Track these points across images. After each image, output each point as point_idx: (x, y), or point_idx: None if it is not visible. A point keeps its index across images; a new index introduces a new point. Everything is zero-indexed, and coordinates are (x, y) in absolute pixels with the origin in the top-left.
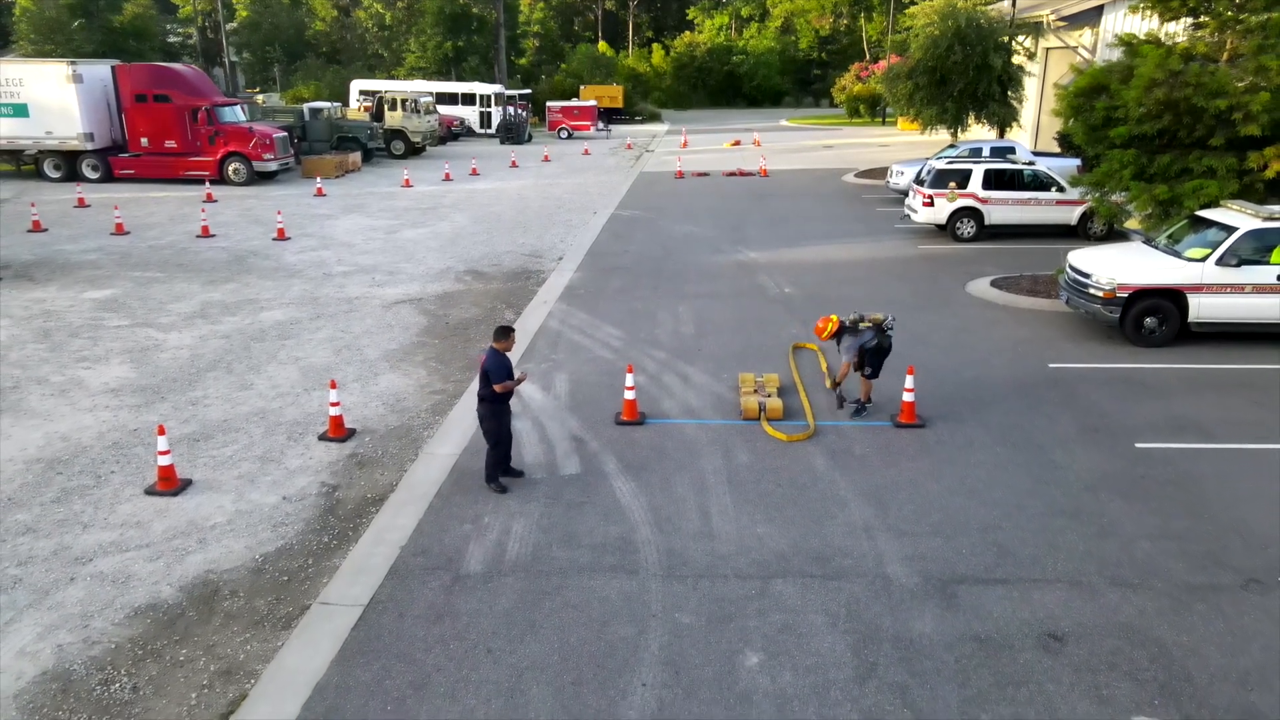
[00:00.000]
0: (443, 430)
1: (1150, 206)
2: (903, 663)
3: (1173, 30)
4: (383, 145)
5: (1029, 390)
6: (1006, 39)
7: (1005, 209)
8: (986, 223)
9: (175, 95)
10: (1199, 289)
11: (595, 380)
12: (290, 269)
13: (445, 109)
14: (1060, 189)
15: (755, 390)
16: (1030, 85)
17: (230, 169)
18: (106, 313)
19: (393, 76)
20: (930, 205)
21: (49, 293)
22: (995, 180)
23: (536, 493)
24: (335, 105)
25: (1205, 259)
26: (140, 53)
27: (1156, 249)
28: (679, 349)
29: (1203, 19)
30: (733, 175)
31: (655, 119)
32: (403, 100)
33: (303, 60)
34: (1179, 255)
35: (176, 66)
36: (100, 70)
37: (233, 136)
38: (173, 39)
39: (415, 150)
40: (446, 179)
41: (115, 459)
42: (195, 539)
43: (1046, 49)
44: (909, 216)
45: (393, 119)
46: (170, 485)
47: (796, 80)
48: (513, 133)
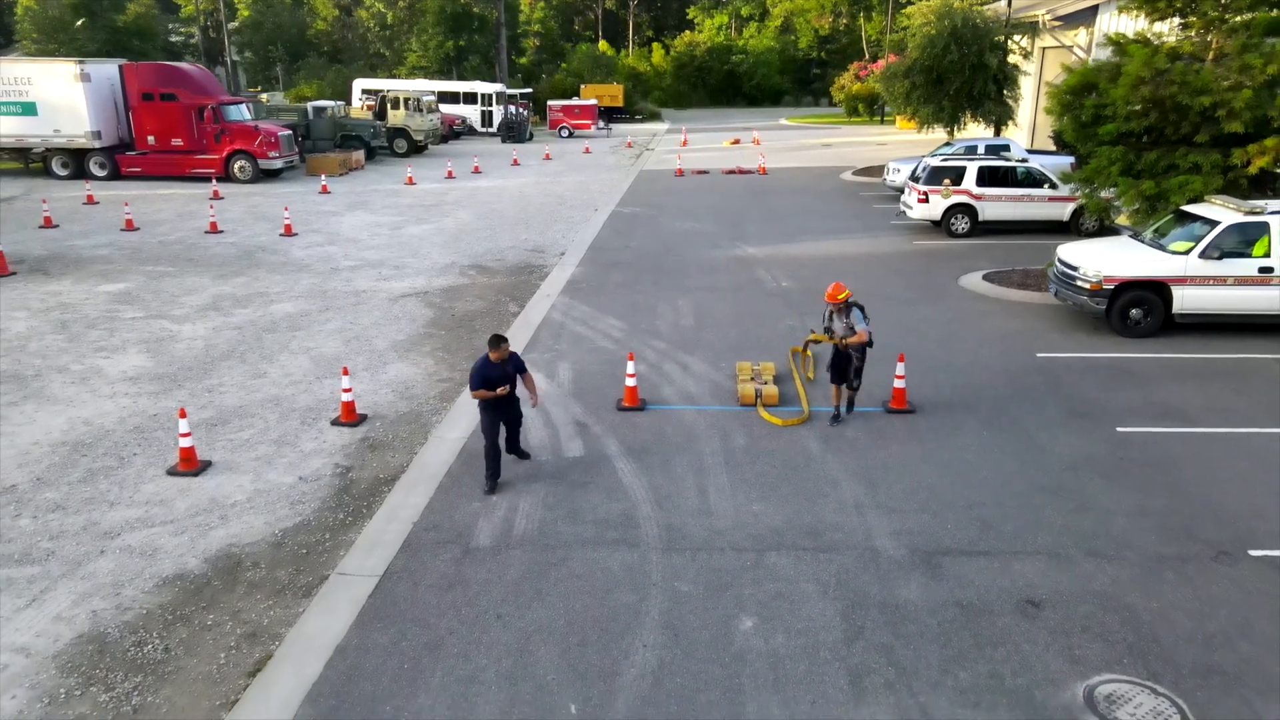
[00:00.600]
0: (451, 416)
1: (1137, 202)
2: (888, 626)
3: (1161, 30)
4: (386, 144)
5: (1017, 379)
6: (1002, 39)
7: (998, 205)
8: (980, 219)
9: (182, 94)
10: (1183, 281)
11: (597, 369)
12: (298, 263)
13: (447, 108)
14: (1052, 186)
15: (752, 378)
16: (1026, 84)
17: (236, 167)
18: (121, 305)
19: (394, 76)
20: (925, 202)
21: (64, 286)
22: (989, 177)
23: (542, 473)
24: (339, 104)
25: (1189, 252)
26: (144, 52)
27: (1142, 243)
28: (678, 340)
29: (1190, 19)
30: (732, 173)
31: (655, 118)
32: (405, 99)
33: (305, 59)
34: (1164, 249)
35: (183, 66)
36: (108, 69)
37: (238, 135)
38: (175, 38)
39: (418, 149)
40: (449, 177)
41: (137, 442)
42: (217, 515)
43: (1043, 48)
44: (904, 213)
45: (395, 118)
46: (191, 466)
47: (796, 79)
48: (514, 131)
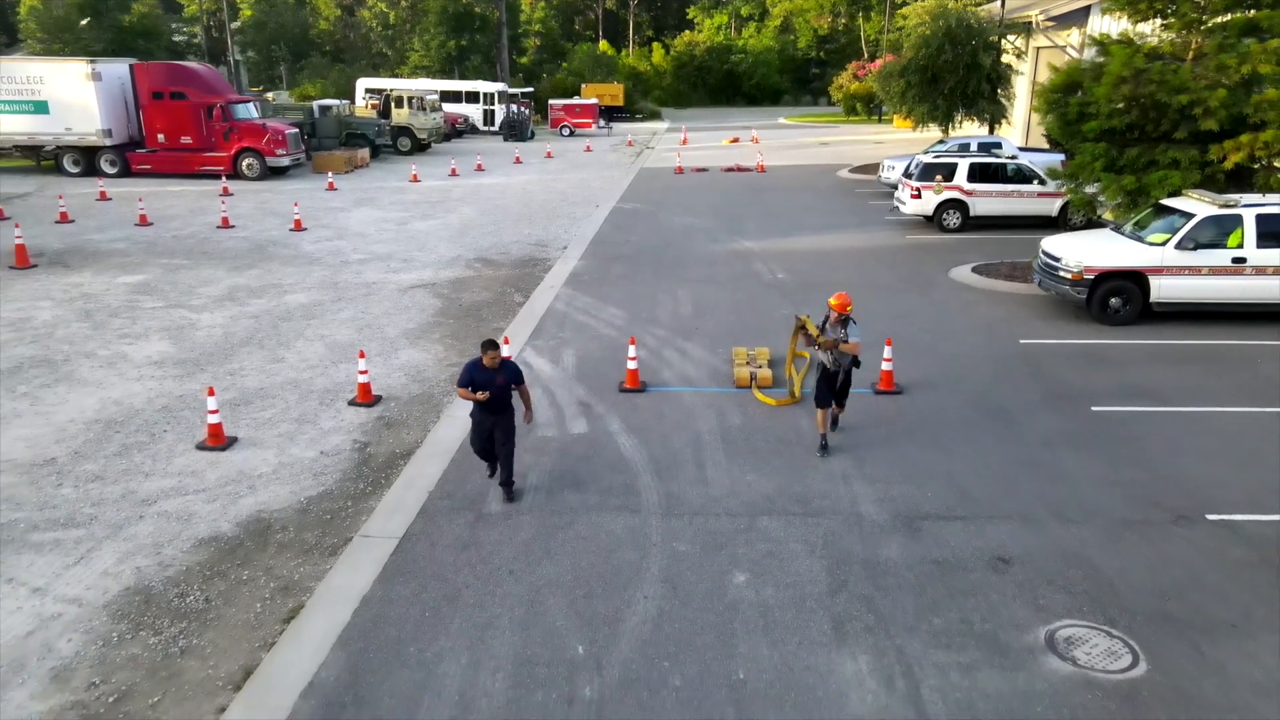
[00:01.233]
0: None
1: (1119, 196)
2: (869, 579)
3: (1143, 30)
4: (390, 142)
5: (1000, 363)
6: (996, 39)
7: (989, 201)
8: (971, 214)
9: (191, 93)
10: (1160, 271)
11: (600, 355)
12: (309, 257)
13: (450, 107)
14: (1041, 182)
15: (748, 362)
16: (1020, 83)
17: (244, 164)
18: (141, 295)
19: (397, 75)
20: (918, 197)
21: (84, 278)
22: (979, 174)
23: (549, 447)
24: (344, 103)
25: (1165, 244)
26: (149, 51)
27: (1123, 235)
28: (678, 327)
29: (1170, 20)
30: (731, 171)
31: (655, 117)
32: (409, 98)
33: (308, 59)
34: (1142, 240)
35: (192, 65)
36: (119, 69)
37: (246, 133)
38: (178, 38)
39: (421, 147)
40: (453, 174)
41: (166, 420)
42: (245, 485)
43: (1037, 48)
44: (898, 208)
45: (399, 116)
46: (219, 441)
47: (795, 79)
48: (516, 130)
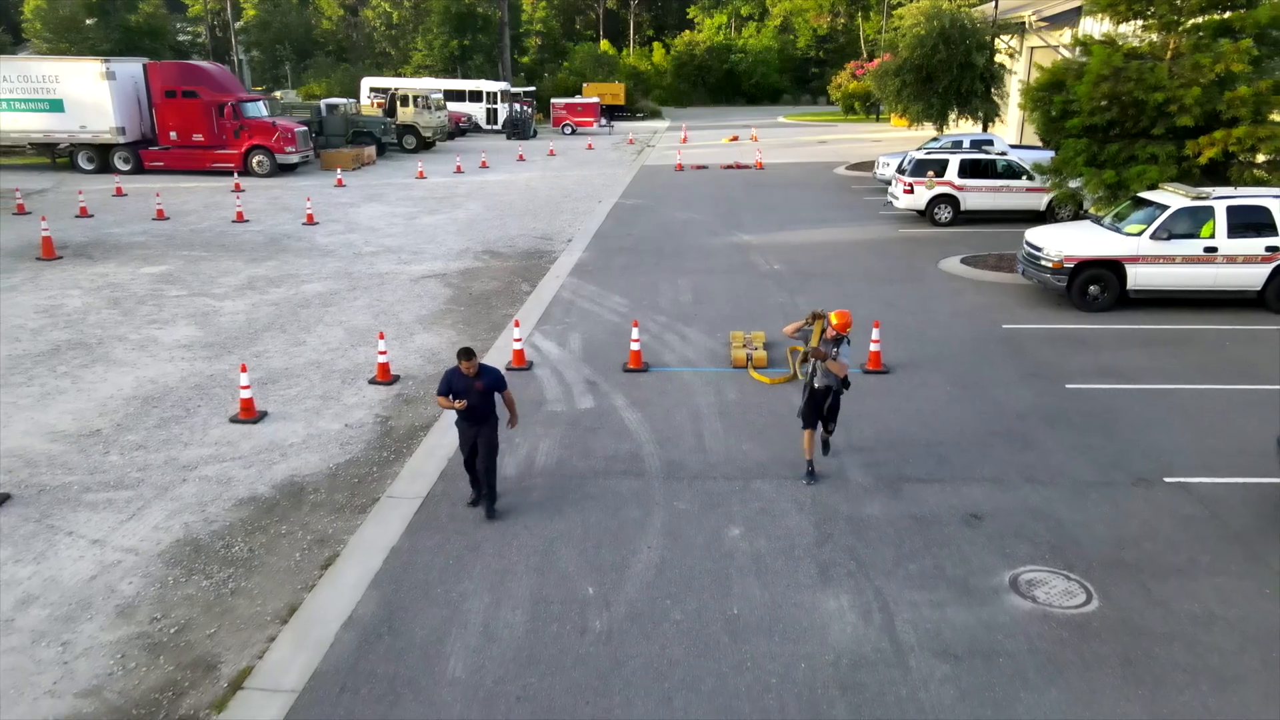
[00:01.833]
0: None
1: (1100, 190)
2: (853, 533)
3: (1125, 31)
4: (395, 140)
5: (982, 346)
6: (989, 39)
7: (979, 195)
8: (962, 208)
9: (203, 91)
10: (1135, 260)
11: (604, 339)
12: (323, 249)
13: (453, 105)
14: (1030, 177)
15: (744, 345)
16: (1014, 83)
17: (254, 161)
18: (164, 285)
19: (400, 74)
20: (910, 193)
21: (109, 268)
22: (970, 169)
23: (558, 421)
24: (351, 101)
25: (1141, 234)
26: (155, 51)
27: (1102, 226)
28: (678, 314)
29: (1149, 21)
30: (730, 168)
31: (656, 116)
32: (414, 97)
33: (312, 58)
34: (1120, 231)
35: (204, 65)
36: (132, 68)
37: (257, 131)
38: (182, 38)
39: (426, 145)
40: (458, 171)
41: (199, 397)
42: (278, 454)
43: (1031, 48)
44: (891, 203)
45: (405, 115)
46: (250, 415)
47: (794, 78)
48: (518, 128)
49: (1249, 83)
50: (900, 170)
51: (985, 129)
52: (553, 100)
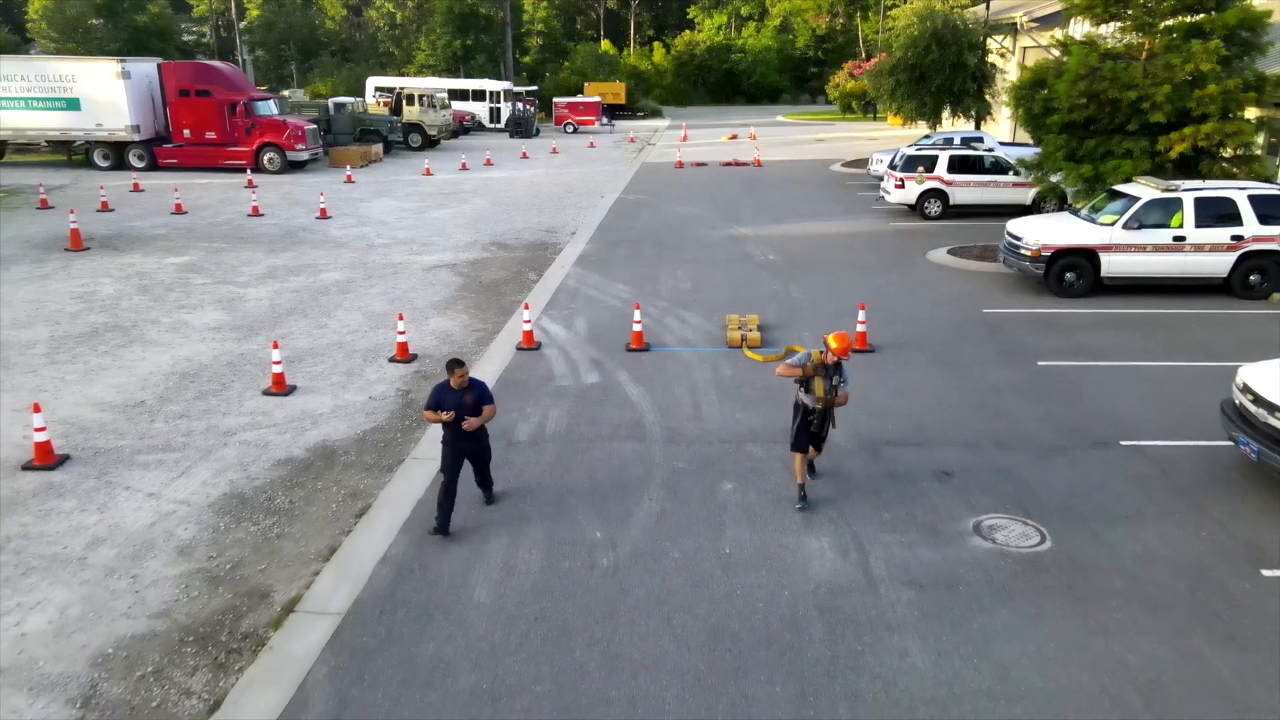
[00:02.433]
0: (487, 354)
1: (1079, 184)
2: (834, 487)
3: (1105, 32)
4: (401, 138)
5: (963, 328)
6: (980, 39)
7: (967, 190)
8: (951, 203)
9: (216, 90)
10: (1109, 248)
11: (608, 322)
12: (337, 241)
13: (457, 104)
14: (1016, 173)
15: (739, 327)
16: (1006, 81)
17: (265, 158)
18: (189, 274)
19: (403, 73)
20: (902, 187)
21: (135, 259)
22: (959, 165)
23: (565, 394)
24: (358, 100)
25: (1114, 224)
26: (163, 50)
27: (1079, 217)
28: (677, 300)
29: (1126, 23)
30: (729, 165)
31: (657, 115)
32: (420, 96)
33: (317, 58)
34: (1095, 222)
35: (217, 64)
36: (146, 67)
37: (268, 128)
38: (187, 38)
39: (431, 143)
40: (463, 168)
41: (232, 373)
42: (309, 422)
43: (1023, 48)
44: (883, 198)
45: (410, 113)
46: (281, 388)
47: (794, 78)
48: (521, 127)
49: (1217, 81)
50: (892, 166)
51: (978, 127)
52: (555, 99)
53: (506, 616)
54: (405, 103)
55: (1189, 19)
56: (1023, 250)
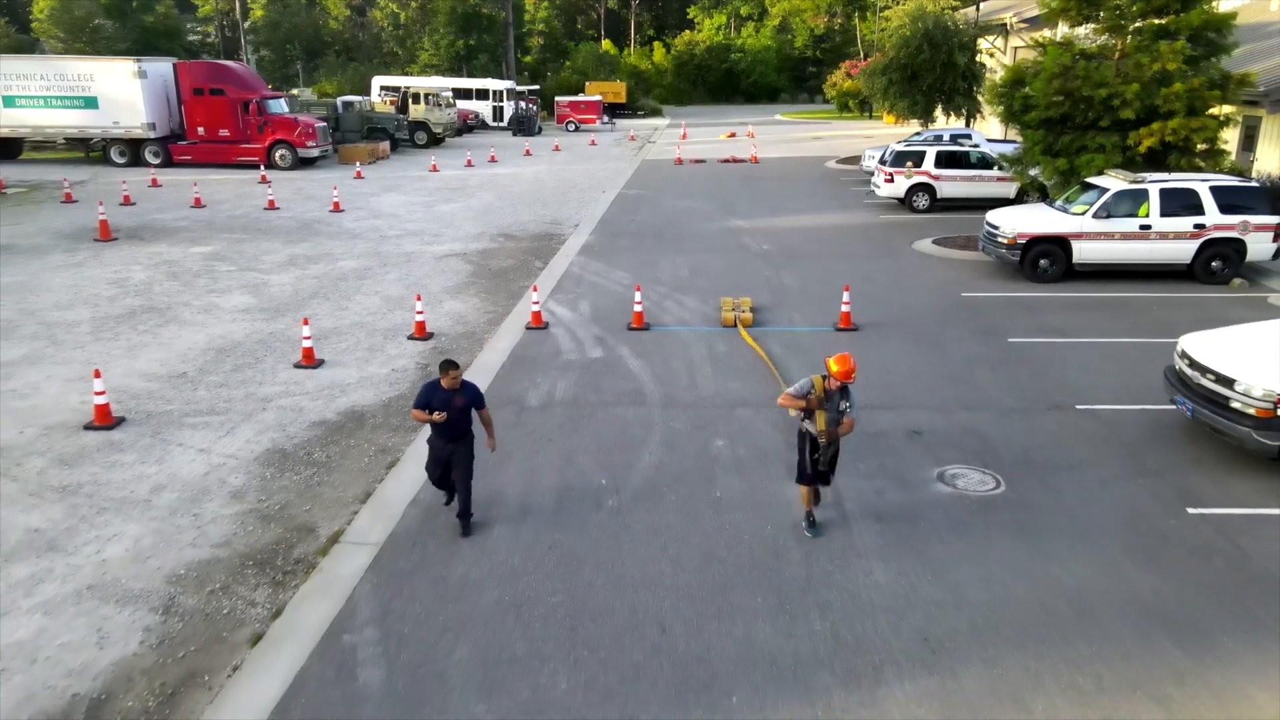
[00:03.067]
0: (498, 334)
1: (1055, 176)
2: None
3: (1082, 33)
4: (408, 136)
5: (942, 310)
6: (970, 39)
7: (954, 184)
8: (938, 196)
9: (229, 89)
10: (1080, 236)
11: (611, 305)
12: (351, 233)
13: (461, 103)
14: (1001, 168)
15: (733, 309)
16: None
17: (277, 155)
18: (215, 262)
19: (407, 73)
20: (891, 182)
21: (161, 248)
22: (946, 160)
23: (573, 367)
24: (366, 99)
25: (1085, 214)
26: (170, 50)
27: (1053, 207)
28: (676, 285)
29: (1099, 25)
30: (727, 162)
31: (657, 114)
32: (426, 95)
33: (322, 58)
34: (1067, 212)
35: (230, 64)
36: (162, 67)
37: (280, 126)
38: (192, 37)
39: (436, 140)
40: (469, 165)
41: (263, 349)
42: (338, 390)
43: (1014, 48)
44: (874, 192)
45: (416, 112)
46: (311, 361)
47: (792, 77)
48: (524, 125)
49: (1183, 80)
50: (882, 162)
51: (969, 124)
52: (556, 98)
53: (523, 545)
54: (411, 101)
55: (1157, 21)
56: (1000, 239)
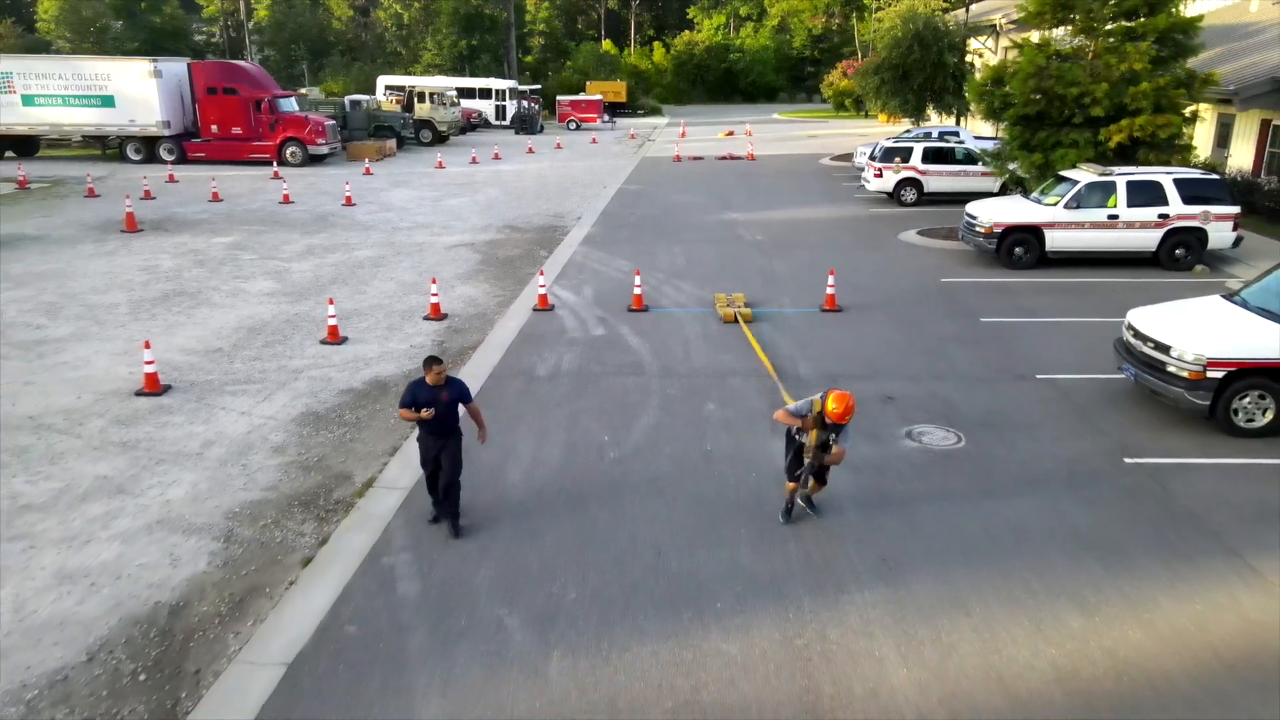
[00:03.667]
0: (507, 315)
1: (1031, 171)
2: None
3: (1060, 34)
4: (413, 134)
5: (921, 293)
6: (959, 40)
7: (940, 179)
8: (925, 191)
9: (241, 88)
10: (1052, 225)
11: (612, 290)
12: (364, 225)
13: (464, 102)
14: (985, 163)
15: (728, 305)
16: None
17: (288, 152)
18: (237, 251)
19: (410, 72)
20: (880, 177)
21: (185, 239)
22: (932, 156)
23: (577, 343)
24: (372, 98)
25: (1057, 204)
26: (177, 50)
27: (1028, 199)
28: (674, 272)
29: (1073, 28)
30: (724, 159)
31: (656, 113)
32: (430, 94)
33: (327, 57)
34: (1041, 203)
35: (243, 64)
36: (176, 67)
37: (290, 124)
38: (198, 38)
39: (441, 139)
40: (474, 162)
41: (290, 328)
42: (362, 364)
43: (1005, 48)
44: (864, 186)
45: (421, 110)
46: (335, 339)
47: (790, 77)
48: (526, 124)
49: (1150, 79)
50: (872, 158)
51: (958, 122)
52: (558, 97)
53: (535, 489)
54: (417, 100)
55: (1126, 24)
56: (978, 228)
